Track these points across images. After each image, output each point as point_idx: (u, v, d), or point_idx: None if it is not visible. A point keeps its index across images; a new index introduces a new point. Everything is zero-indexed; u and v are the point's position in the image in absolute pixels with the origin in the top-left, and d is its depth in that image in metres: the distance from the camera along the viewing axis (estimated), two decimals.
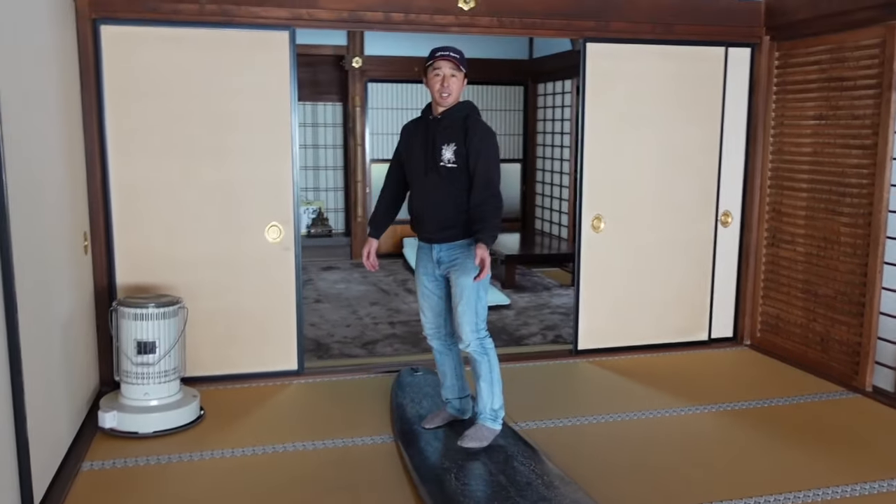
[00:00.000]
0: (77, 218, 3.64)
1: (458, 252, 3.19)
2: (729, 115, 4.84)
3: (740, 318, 5.07)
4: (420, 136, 3.25)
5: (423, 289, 3.36)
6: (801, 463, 3.26)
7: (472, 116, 3.21)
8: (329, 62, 8.53)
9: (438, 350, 3.44)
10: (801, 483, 3.04)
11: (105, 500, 2.89)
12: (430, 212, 3.22)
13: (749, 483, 3.05)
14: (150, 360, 3.52)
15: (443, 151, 3.14)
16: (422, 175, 3.22)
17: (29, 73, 2.89)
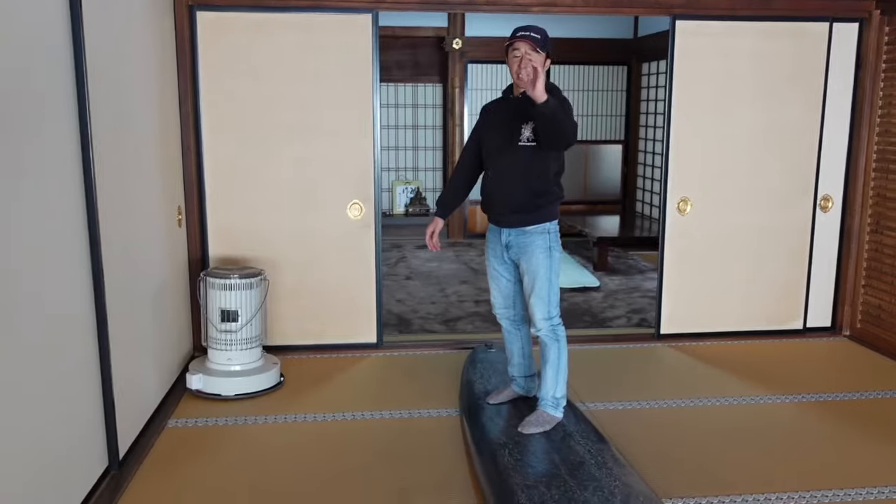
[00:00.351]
0: (170, 193, 3.89)
1: (527, 239, 3.15)
2: (832, 94, 4.57)
3: (839, 308, 4.81)
4: (500, 116, 3.23)
5: (492, 271, 3.37)
6: (873, 459, 3.09)
7: (553, 93, 3.05)
8: (430, 44, 8.62)
9: (507, 329, 3.45)
10: (867, 479, 2.89)
11: (184, 455, 3.11)
12: (502, 193, 3.17)
13: (811, 476, 2.93)
14: (233, 328, 3.73)
15: (522, 129, 3.09)
16: (498, 154, 3.19)
17: (120, 56, 3.11)
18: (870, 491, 2.82)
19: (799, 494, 2.79)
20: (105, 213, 2.79)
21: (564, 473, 2.72)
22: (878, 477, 2.93)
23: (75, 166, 2.60)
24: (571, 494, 2.55)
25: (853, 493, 2.81)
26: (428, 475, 2.94)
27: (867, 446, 3.23)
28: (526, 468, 2.78)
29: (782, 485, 2.86)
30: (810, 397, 3.77)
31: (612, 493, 2.57)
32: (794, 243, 4.70)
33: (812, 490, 2.82)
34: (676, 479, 2.90)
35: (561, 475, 2.71)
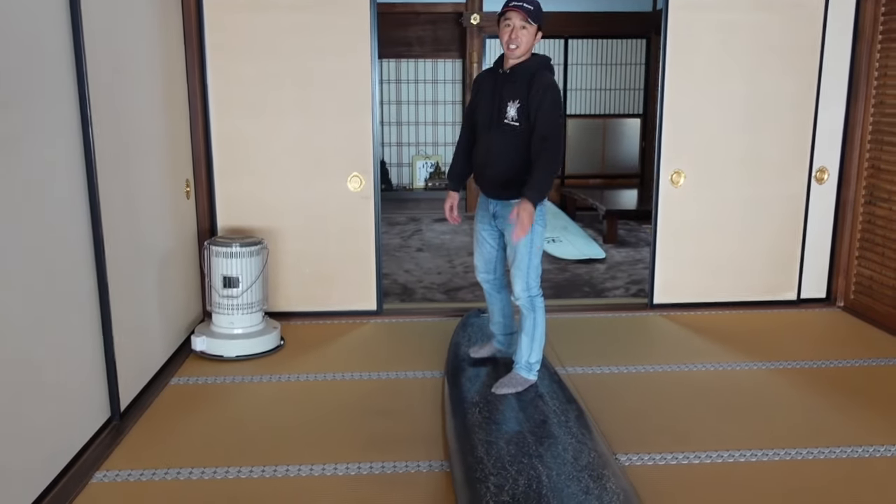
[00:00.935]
0: (179, 166, 4.11)
1: (511, 212, 3.22)
2: (828, 65, 4.60)
3: (834, 279, 4.86)
4: (489, 90, 3.26)
5: (478, 235, 3.48)
6: (837, 422, 3.19)
7: (540, 72, 3.14)
8: (449, 20, 8.73)
9: (487, 291, 3.60)
10: (823, 441, 3.00)
11: (181, 409, 3.36)
12: (489, 167, 3.26)
13: (767, 436, 3.05)
14: (234, 293, 3.97)
15: (507, 108, 3.13)
16: (485, 129, 3.25)
17: (119, 34, 3.33)
18: (821, 450, 2.93)
19: (751, 452, 2.92)
20: (105, 185, 3.02)
21: (526, 430, 2.89)
22: (835, 438, 3.03)
23: (75, 141, 2.83)
24: (527, 449, 2.72)
25: (804, 451, 2.93)
26: (401, 429, 3.14)
27: (835, 411, 3.33)
28: (491, 425, 2.96)
29: (735, 443, 2.99)
30: (790, 364, 3.87)
31: (566, 448, 2.74)
32: (789, 215, 4.75)
33: (764, 448, 2.94)
34: (636, 437, 3.05)
35: (522, 432, 2.88)
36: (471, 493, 2.43)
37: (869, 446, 2.97)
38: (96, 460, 2.85)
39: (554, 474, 2.53)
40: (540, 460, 2.63)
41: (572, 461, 2.64)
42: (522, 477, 2.51)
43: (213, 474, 2.77)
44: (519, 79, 3.14)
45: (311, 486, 2.70)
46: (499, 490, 2.43)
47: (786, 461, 2.86)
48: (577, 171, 9.03)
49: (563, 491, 2.42)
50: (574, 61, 8.88)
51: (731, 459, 2.87)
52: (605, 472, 2.55)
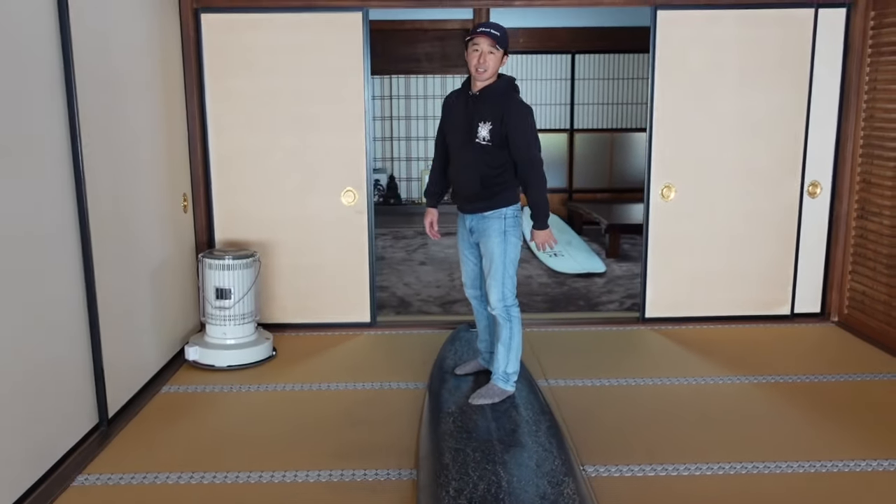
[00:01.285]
0: (175, 181, 4.24)
1: (485, 223, 3.35)
2: (818, 80, 4.61)
3: (828, 294, 4.85)
4: (459, 111, 3.38)
5: (461, 254, 3.59)
6: (814, 436, 3.20)
7: (509, 94, 3.30)
8: (456, 36, 8.83)
9: (475, 307, 3.67)
10: (797, 455, 3.02)
11: (169, 416, 3.47)
12: (462, 184, 3.39)
13: (739, 449, 3.07)
14: (226, 305, 4.08)
15: (479, 129, 3.25)
16: (458, 148, 3.39)
17: (111, 56, 3.46)
18: (800, 464, 2.95)
19: (719, 465, 2.95)
20: (94, 198, 3.15)
21: (495, 439, 2.95)
22: (814, 453, 3.04)
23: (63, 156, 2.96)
24: (492, 456, 2.78)
25: (779, 465, 2.94)
26: (378, 438, 3.21)
27: (816, 425, 3.33)
28: (462, 433, 3.02)
29: (706, 456, 3.02)
30: (775, 378, 3.88)
31: (531, 455, 2.79)
32: (781, 229, 4.76)
33: (736, 461, 2.97)
34: (607, 448, 3.09)
35: (491, 440, 2.94)
36: (430, 497, 2.50)
37: (850, 461, 2.98)
38: (80, 464, 2.96)
39: (514, 480, 2.59)
40: (503, 467, 2.69)
41: (535, 468, 2.69)
42: (483, 482, 2.56)
43: (191, 479, 2.86)
44: (489, 101, 3.26)
45: (284, 491, 2.78)
46: (458, 494, 2.49)
47: (757, 475, 2.88)
48: (585, 185, 9.07)
49: (519, 496, 2.48)
50: (581, 76, 8.94)
51: (697, 472, 2.90)
52: (565, 479, 2.60)
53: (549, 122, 9.05)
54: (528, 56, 8.86)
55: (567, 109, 9.04)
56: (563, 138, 9.04)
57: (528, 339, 4.52)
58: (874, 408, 3.53)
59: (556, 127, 9.07)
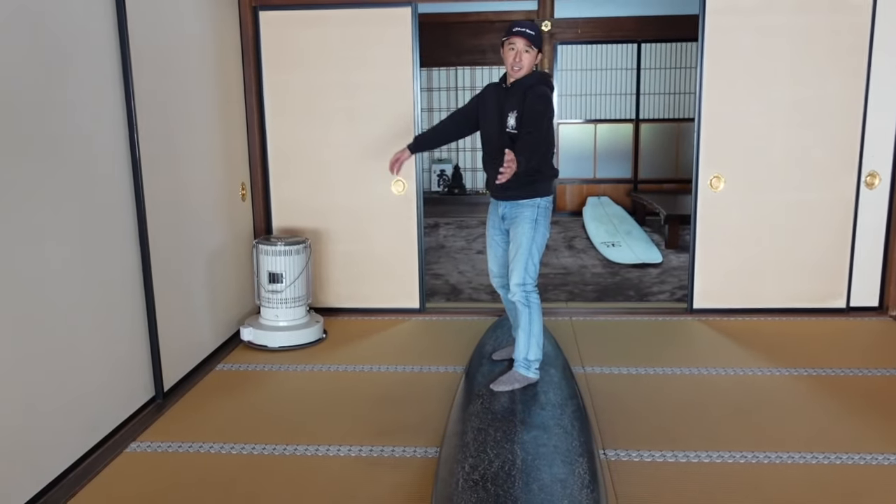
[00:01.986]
0: (233, 171, 4.49)
1: (519, 210, 3.46)
2: (876, 67, 4.48)
3: (887, 288, 4.71)
4: (494, 103, 3.50)
5: (490, 240, 3.68)
6: (849, 428, 3.16)
7: (536, 85, 3.38)
8: None
9: (504, 297, 3.77)
10: (829, 446, 3.00)
11: (221, 391, 3.70)
12: (495, 173, 3.44)
13: (774, 440, 3.06)
14: (278, 289, 4.30)
15: (508, 118, 3.39)
16: (491, 138, 3.52)
17: (168, 50, 3.70)
18: (814, 455, 2.94)
19: (740, 454, 2.96)
20: (151, 187, 3.40)
21: (517, 420, 3.04)
22: (838, 444, 3.02)
23: (121, 146, 3.21)
24: (513, 436, 2.87)
25: (796, 455, 2.93)
26: (408, 418, 3.35)
27: (850, 418, 3.28)
28: (487, 413, 3.12)
29: (727, 444, 3.03)
30: (819, 372, 3.82)
31: (550, 437, 2.87)
32: (837, 220, 4.65)
33: (754, 451, 2.97)
34: (629, 434, 3.13)
35: (514, 421, 3.03)
36: (447, 473, 2.62)
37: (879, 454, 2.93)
38: (134, 433, 3.21)
39: (529, 458, 2.68)
40: (521, 446, 2.78)
41: (552, 449, 2.77)
42: (498, 460, 2.67)
43: (232, 449, 3.07)
44: (517, 91, 3.36)
45: (315, 463, 2.95)
46: (472, 470, 2.60)
47: (779, 464, 2.88)
48: (651, 175, 8.98)
49: (531, 473, 2.57)
50: (647, 65, 8.84)
51: (719, 460, 2.92)
52: (579, 460, 2.67)
53: (615, 113, 8.99)
54: (593, 46, 8.83)
55: (633, 99, 8.96)
56: (629, 129, 8.97)
57: (571, 326, 4.59)
58: None
59: (621, 117, 9.00)
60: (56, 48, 2.78)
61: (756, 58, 4.51)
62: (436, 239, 7.54)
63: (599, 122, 9.00)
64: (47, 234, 2.73)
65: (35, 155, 2.65)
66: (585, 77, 8.85)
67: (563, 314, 4.86)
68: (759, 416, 3.32)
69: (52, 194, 2.75)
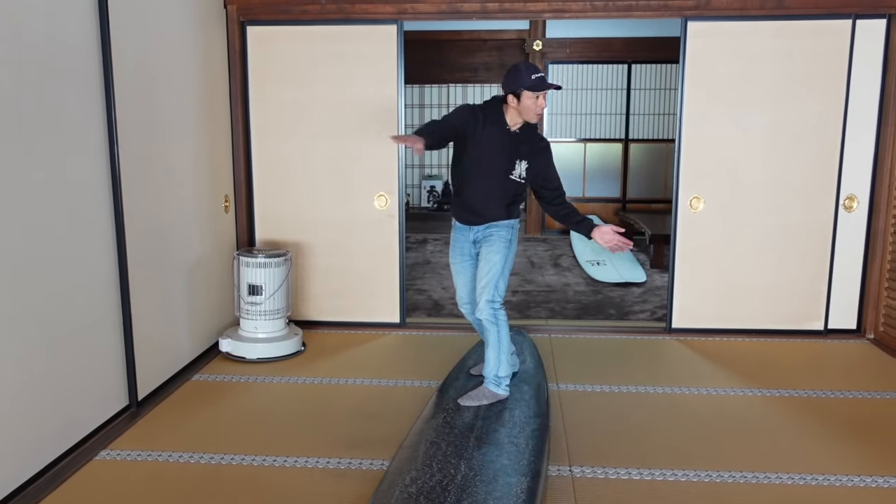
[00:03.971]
0: (217, 183, 4.52)
1: (493, 230, 3.49)
2: (855, 92, 4.54)
3: (864, 310, 4.75)
4: (496, 142, 3.42)
5: (457, 268, 3.66)
6: (818, 449, 3.18)
7: (540, 137, 3.57)
8: (514, 46, 8.96)
9: (475, 322, 3.75)
10: (798, 467, 3.01)
11: (195, 401, 3.71)
12: (480, 206, 3.49)
13: (737, 459, 3.08)
14: (258, 301, 4.32)
15: (516, 165, 3.44)
16: (489, 177, 3.46)
17: (157, 64, 3.75)
18: (779, 476, 2.95)
19: (705, 472, 2.97)
20: (130, 198, 3.42)
21: (473, 436, 3.04)
22: (807, 466, 3.03)
23: (100, 158, 3.24)
24: (462, 452, 2.86)
25: (761, 476, 2.95)
26: (382, 432, 3.36)
27: (820, 439, 3.30)
28: (446, 428, 3.12)
29: (693, 463, 3.04)
30: (794, 393, 3.84)
31: (500, 454, 2.86)
32: (815, 243, 4.69)
33: (720, 470, 2.99)
34: (598, 451, 3.15)
35: (469, 436, 3.03)
36: (387, 484, 2.64)
37: (845, 475, 2.94)
38: (105, 440, 3.22)
39: (471, 475, 2.68)
40: (467, 462, 2.78)
41: (499, 466, 2.77)
42: (439, 474, 2.68)
43: (201, 459, 3.08)
44: (526, 141, 3.45)
45: (285, 475, 2.96)
46: (411, 483, 2.61)
47: (743, 483, 2.90)
48: (639, 195, 9.03)
49: (466, 489, 2.57)
50: (637, 86, 8.92)
51: (684, 479, 2.93)
52: (522, 479, 2.66)
53: (605, 132, 9.06)
54: (584, 66, 8.91)
55: (623, 119, 9.02)
56: (618, 148, 9.03)
57: (550, 343, 4.61)
58: (890, 426, 3.46)
59: (611, 137, 9.06)
60: (35, 56, 2.82)
61: (736, 81, 4.57)
62: (422, 254, 7.57)
63: (589, 141, 9.06)
64: (19, 237, 2.75)
65: (12, 160, 2.68)
66: (576, 96, 8.92)
67: (542, 331, 4.88)
68: (729, 437, 3.34)
69: (27, 200, 2.78)
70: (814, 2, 4.43)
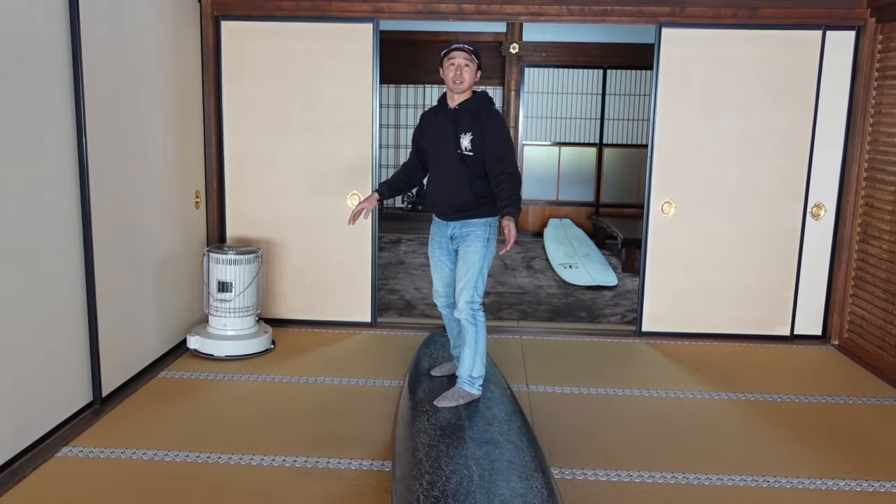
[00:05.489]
0: (188, 178, 4.47)
1: (469, 229, 3.47)
2: (824, 102, 4.61)
3: (830, 317, 4.82)
4: (439, 126, 3.50)
5: (435, 261, 3.66)
6: (780, 453, 3.22)
7: (486, 107, 3.46)
8: (490, 48, 8.97)
9: (447, 316, 3.75)
10: (760, 469, 3.05)
11: (161, 398, 3.67)
12: (446, 195, 3.49)
13: (699, 461, 3.11)
14: (227, 298, 4.28)
15: (461, 140, 3.40)
16: (439, 161, 3.50)
17: (129, 59, 3.70)
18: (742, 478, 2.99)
19: (671, 475, 3.00)
20: (98, 192, 3.37)
21: (467, 436, 3.05)
22: (769, 469, 3.07)
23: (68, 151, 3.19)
24: (465, 451, 2.89)
25: (726, 478, 2.98)
26: (348, 430, 3.35)
27: (783, 443, 3.34)
28: (435, 430, 3.11)
29: (661, 465, 3.07)
30: (758, 397, 3.89)
31: (502, 452, 2.88)
32: (783, 250, 4.75)
33: (688, 472, 3.02)
34: (566, 452, 3.16)
35: (464, 437, 3.04)
36: (405, 489, 2.62)
37: (806, 478, 2.99)
38: (67, 437, 3.17)
39: (486, 474, 2.70)
40: (475, 462, 2.80)
41: (506, 464, 2.79)
42: (455, 476, 2.68)
43: (165, 456, 3.04)
44: (468, 113, 3.40)
45: (252, 473, 2.93)
46: (431, 486, 2.61)
47: (708, 486, 2.93)
48: (613, 200, 9.09)
49: (490, 489, 2.59)
50: (612, 91, 8.98)
51: (650, 480, 2.96)
52: (534, 474, 2.71)
53: (579, 137, 9.11)
54: (560, 70, 8.95)
55: (597, 124, 9.08)
56: (592, 153, 9.09)
57: (520, 345, 4.62)
58: (851, 430, 3.51)
59: (585, 141, 9.12)
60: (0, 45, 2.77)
61: (708, 88, 4.62)
62: (396, 255, 7.55)
63: (564, 144, 9.11)
64: None
65: None
66: (552, 100, 8.95)
67: (513, 333, 4.89)
68: (695, 439, 3.37)
69: None
70: (785, 13, 4.49)
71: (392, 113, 9.84)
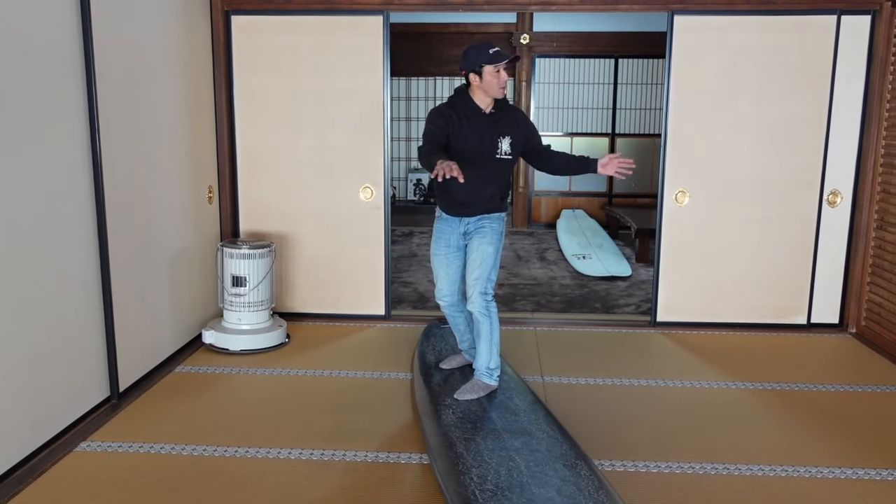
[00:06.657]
0: (200, 173, 4.48)
1: (486, 222, 3.47)
2: (840, 88, 4.56)
3: (847, 305, 4.78)
4: (476, 128, 3.43)
5: (442, 259, 3.61)
6: (798, 441, 3.20)
7: (512, 107, 3.59)
8: (500, 39, 8.93)
9: (453, 315, 3.72)
10: (779, 458, 3.03)
11: (178, 393, 3.69)
12: (478, 195, 3.47)
13: (716, 451, 3.09)
14: (241, 292, 4.29)
15: (500, 143, 3.44)
16: (475, 163, 3.41)
17: (140, 55, 3.70)
18: (761, 468, 2.97)
19: (689, 465, 2.98)
20: (112, 187, 3.39)
21: (500, 428, 3.06)
22: (787, 457, 3.05)
23: (81, 146, 3.20)
24: (503, 444, 2.90)
25: (743, 467, 2.97)
26: (364, 423, 3.35)
27: (801, 431, 3.32)
28: (466, 424, 3.12)
29: (679, 455, 3.06)
30: (776, 386, 3.86)
31: (539, 442, 2.90)
32: (799, 238, 4.72)
33: (705, 462, 3.00)
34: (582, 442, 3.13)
35: (497, 430, 3.05)
36: (455, 484, 2.63)
37: (825, 467, 2.97)
38: (86, 432, 3.19)
39: (531, 464, 2.72)
40: (517, 452, 2.82)
41: (546, 453, 2.81)
42: (503, 469, 2.70)
43: (183, 450, 3.05)
44: (503, 117, 3.46)
45: (268, 466, 2.94)
46: (482, 480, 2.62)
47: (726, 475, 2.91)
48: (625, 190, 9.05)
49: (541, 478, 2.61)
50: (623, 81, 8.93)
51: (667, 471, 2.94)
52: (578, 462, 2.73)
53: (591, 126, 9.07)
54: (571, 60, 8.90)
55: (609, 114, 9.03)
56: (605, 142, 9.04)
57: (535, 336, 4.62)
58: (870, 418, 3.49)
59: (597, 131, 9.07)
60: (14, 41, 2.77)
61: (722, 76, 4.57)
62: (408, 247, 7.55)
63: (576, 135, 9.06)
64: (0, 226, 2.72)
65: None
66: (563, 90, 8.91)
67: (528, 324, 4.88)
68: (712, 429, 3.35)
69: (4, 188, 2.74)
70: None
71: (403, 105, 9.83)
